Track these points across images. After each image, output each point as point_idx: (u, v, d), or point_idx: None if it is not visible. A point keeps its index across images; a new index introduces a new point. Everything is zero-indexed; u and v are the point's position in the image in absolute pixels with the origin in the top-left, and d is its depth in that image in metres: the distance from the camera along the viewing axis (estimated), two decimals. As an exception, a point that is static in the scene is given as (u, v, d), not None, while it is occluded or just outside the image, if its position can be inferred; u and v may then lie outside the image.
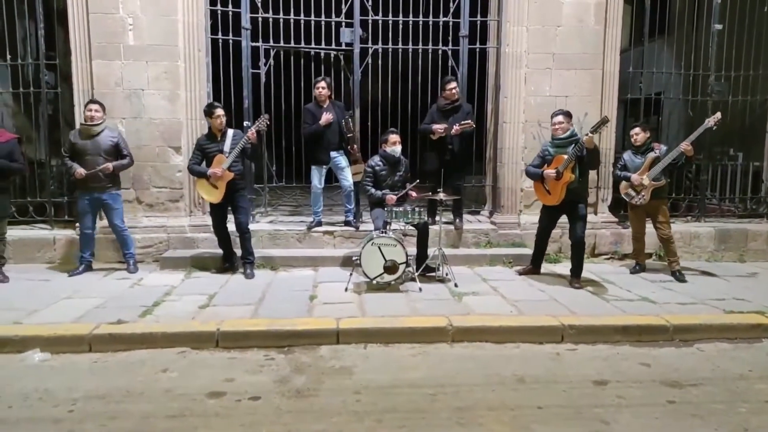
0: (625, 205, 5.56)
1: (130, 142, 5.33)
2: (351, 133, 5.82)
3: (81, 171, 4.91)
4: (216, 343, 3.60)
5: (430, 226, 5.16)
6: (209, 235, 5.46)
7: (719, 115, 5.01)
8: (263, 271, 5.32)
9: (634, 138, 5.21)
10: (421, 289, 4.63)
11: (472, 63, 6.33)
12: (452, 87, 5.75)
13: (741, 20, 6.52)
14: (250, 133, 4.89)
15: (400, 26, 6.21)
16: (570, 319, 3.90)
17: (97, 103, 5.08)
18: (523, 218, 6.07)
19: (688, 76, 6.66)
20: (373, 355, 3.53)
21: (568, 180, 4.68)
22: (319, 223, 6.01)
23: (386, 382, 3.11)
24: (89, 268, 5.22)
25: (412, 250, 4.98)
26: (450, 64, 6.31)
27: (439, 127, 5.67)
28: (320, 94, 5.71)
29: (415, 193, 5.08)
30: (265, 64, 6.12)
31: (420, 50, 6.33)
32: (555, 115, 4.86)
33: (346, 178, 5.88)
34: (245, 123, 5.98)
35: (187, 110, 5.69)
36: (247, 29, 5.97)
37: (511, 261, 5.67)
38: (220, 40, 5.93)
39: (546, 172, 4.81)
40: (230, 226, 5.24)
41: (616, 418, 2.71)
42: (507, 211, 6.16)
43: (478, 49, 6.35)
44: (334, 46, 6.30)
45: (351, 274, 4.77)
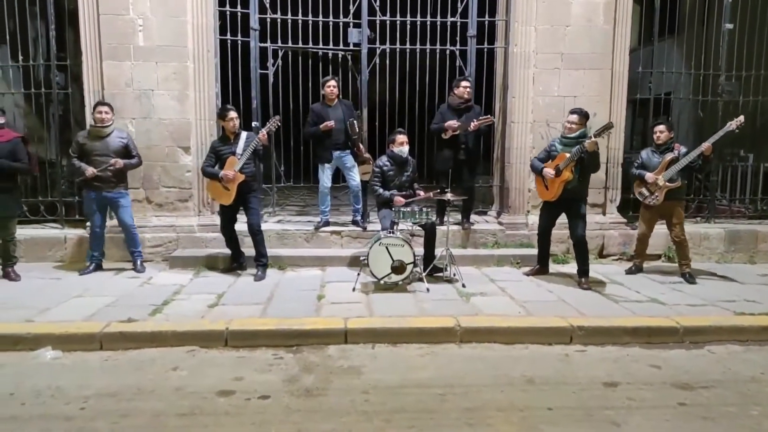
0: (635, 206, 5.50)
1: (139, 143, 5.37)
2: (356, 135, 5.83)
3: (92, 170, 4.92)
4: (225, 342, 3.63)
5: (437, 227, 5.16)
6: (218, 234, 5.49)
7: (742, 118, 4.89)
8: (271, 270, 5.32)
9: (657, 135, 5.06)
10: (428, 290, 4.64)
11: (480, 63, 6.32)
12: (467, 85, 5.75)
13: (752, 19, 6.46)
14: (262, 135, 4.91)
15: (408, 26, 6.21)
16: (579, 321, 3.88)
17: (107, 104, 5.11)
18: (530, 219, 6.04)
19: (698, 76, 6.61)
20: (381, 355, 3.53)
21: (566, 179, 4.68)
22: (326, 223, 6.03)
23: (395, 382, 3.11)
24: (99, 267, 5.26)
25: (420, 251, 4.97)
26: (458, 64, 6.31)
27: (453, 123, 5.64)
28: (330, 92, 5.73)
29: (423, 193, 5.08)
30: (273, 65, 6.15)
31: (428, 50, 6.32)
32: (572, 113, 4.84)
33: (354, 178, 5.89)
34: (254, 123, 6.01)
35: (196, 110, 5.73)
36: (255, 30, 6.00)
37: (518, 261, 5.65)
38: (229, 41, 5.97)
39: (545, 171, 4.81)
40: (240, 227, 5.26)
41: (627, 420, 2.70)
42: (515, 212, 6.16)
43: (486, 49, 6.34)
44: (341, 47, 6.31)
45: (358, 274, 4.78)
